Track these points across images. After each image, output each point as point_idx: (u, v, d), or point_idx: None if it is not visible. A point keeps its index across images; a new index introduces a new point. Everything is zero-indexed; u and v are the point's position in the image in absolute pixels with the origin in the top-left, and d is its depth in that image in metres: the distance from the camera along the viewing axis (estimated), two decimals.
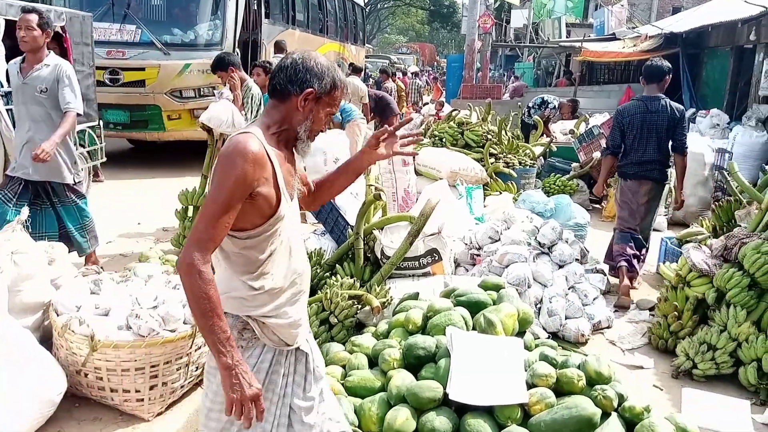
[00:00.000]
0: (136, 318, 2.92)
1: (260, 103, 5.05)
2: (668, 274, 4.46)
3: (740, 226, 4.37)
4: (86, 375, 2.91)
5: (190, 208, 5.28)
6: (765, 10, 9.10)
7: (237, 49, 9.00)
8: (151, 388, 2.94)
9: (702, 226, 5.05)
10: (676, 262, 4.32)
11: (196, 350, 3.08)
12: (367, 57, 25.93)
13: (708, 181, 7.21)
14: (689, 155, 7.28)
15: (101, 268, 4.07)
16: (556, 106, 9.63)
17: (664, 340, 3.86)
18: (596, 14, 20.08)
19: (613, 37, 15.73)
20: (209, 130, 4.87)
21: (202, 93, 8.75)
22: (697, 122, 10.70)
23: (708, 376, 3.51)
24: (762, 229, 3.94)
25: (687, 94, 12.51)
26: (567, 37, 19.37)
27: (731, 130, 9.34)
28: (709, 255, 3.85)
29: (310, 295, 3.80)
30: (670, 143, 4.81)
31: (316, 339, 3.35)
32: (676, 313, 3.84)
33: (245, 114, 4.90)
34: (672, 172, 5.31)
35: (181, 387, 3.09)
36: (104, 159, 4.48)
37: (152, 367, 2.92)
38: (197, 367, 3.14)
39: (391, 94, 11.79)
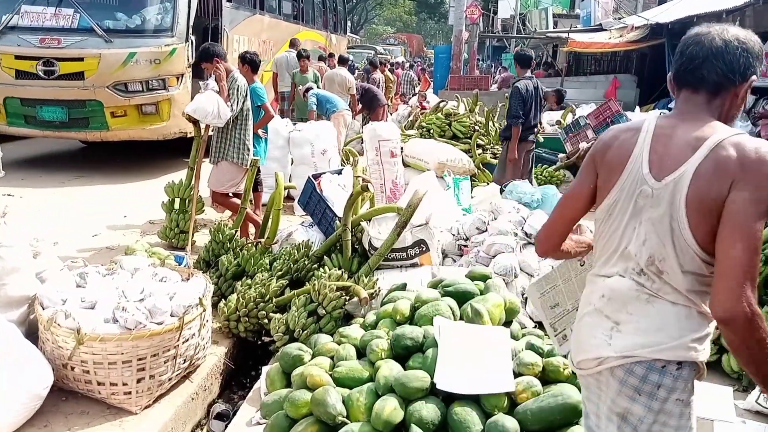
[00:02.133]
0: (122, 311, 2.91)
1: (246, 95, 5.01)
2: None
3: None
4: (73, 368, 2.90)
5: (177, 200, 5.26)
6: (749, 1, 9.18)
7: (192, 37, 8.02)
8: (139, 381, 2.93)
9: None
10: None
11: (183, 343, 3.07)
12: (352, 48, 25.71)
13: None
14: None
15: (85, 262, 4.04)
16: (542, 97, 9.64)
17: None
18: (583, 5, 20.13)
19: (600, 28, 15.79)
20: (195, 122, 4.83)
21: (150, 86, 7.68)
22: None
23: None
24: None
25: None
26: (554, 28, 19.41)
27: None
28: None
29: (298, 287, 3.83)
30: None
31: (304, 330, 3.38)
32: None
33: (231, 105, 4.86)
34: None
35: (169, 380, 3.09)
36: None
37: (139, 360, 2.91)
38: (185, 360, 3.13)
39: (378, 86, 11.74)
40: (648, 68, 14.22)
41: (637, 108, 11.14)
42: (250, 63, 5.60)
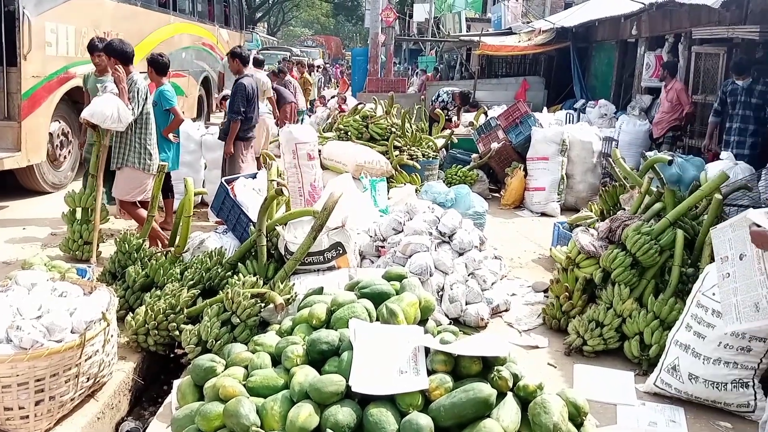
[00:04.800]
0: (17, 330, 2.73)
1: (146, 98, 4.82)
2: (559, 257, 4.71)
3: (624, 209, 4.69)
4: None
5: (79, 210, 4.98)
6: (644, 7, 9.77)
7: None
8: (37, 403, 2.75)
9: (591, 210, 5.37)
10: (567, 245, 4.57)
11: (86, 360, 2.91)
12: (265, 49, 25.28)
13: (596, 168, 7.68)
14: (579, 144, 7.74)
15: None
16: (445, 100, 9.90)
17: (557, 319, 4.08)
18: (494, 9, 20.78)
19: (510, 32, 16.35)
20: (95, 127, 4.59)
21: None
22: (587, 112, 11.35)
23: (597, 351, 3.75)
24: (642, 211, 4.24)
25: (578, 86, 13.23)
26: (467, 32, 19.92)
27: (617, 119, 9.98)
28: (596, 237, 4.10)
29: (211, 296, 3.73)
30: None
31: (217, 341, 3.29)
32: (567, 293, 4.06)
33: (132, 108, 4.65)
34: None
35: (71, 400, 2.92)
36: None
37: (37, 381, 2.73)
38: (88, 378, 2.97)
39: (289, 87, 11.45)
40: (555, 70, 14.86)
41: (545, 109, 11.61)
42: (155, 65, 5.40)
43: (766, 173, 5.14)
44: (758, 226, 2.26)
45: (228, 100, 8.24)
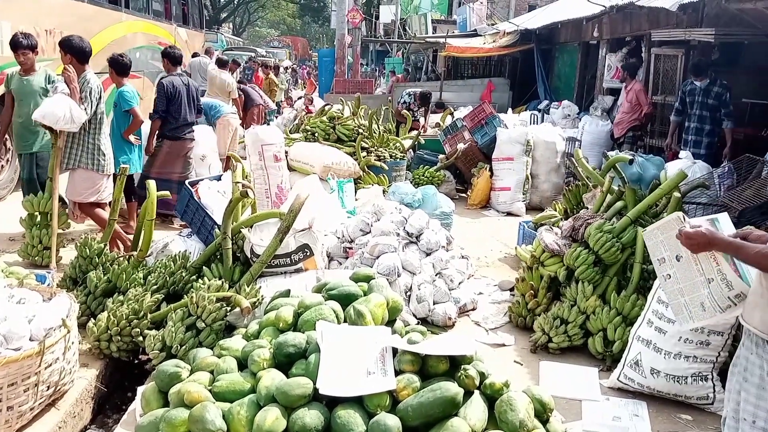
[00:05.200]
0: None
1: (100, 97, 4.72)
2: (524, 255, 4.77)
3: (587, 208, 4.78)
4: None
5: (37, 214, 4.85)
6: (605, 9, 9.97)
7: None
8: None
9: (555, 209, 5.46)
10: (532, 244, 4.64)
11: (45, 368, 2.83)
12: (230, 49, 24.99)
13: (560, 167, 7.81)
14: (543, 144, 7.86)
15: None
16: (407, 101, 9.95)
17: (522, 317, 4.13)
18: (459, 11, 20.96)
19: (475, 34, 16.51)
20: (51, 128, 4.48)
21: None
22: (551, 113, 11.53)
23: (562, 348, 3.81)
24: (604, 210, 4.33)
25: (542, 87, 13.43)
26: (433, 33, 20.04)
27: (580, 119, 10.17)
28: (560, 236, 4.17)
29: (176, 301, 3.66)
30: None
31: (182, 346, 3.24)
32: (532, 291, 4.12)
33: (85, 108, 4.55)
34: None
35: (31, 409, 2.83)
36: None
37: None
38: (48, 387, 2.89)
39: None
40: (520, 72, 15.07)
41: (510, 110, 11.76)
42: (116, 65, 5.30)
43: (720, 173, 5.30)
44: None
45: None
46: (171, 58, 6.30)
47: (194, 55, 12.66)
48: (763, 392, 2.08)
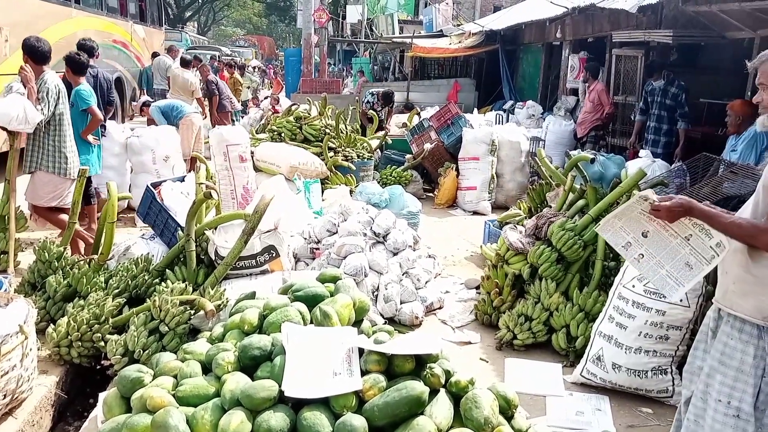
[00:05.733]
0: None
1: (58, 97, 4.60)
2: (489, 254, 4.83)
3: (550, 206, 4.86)
4: None
5: None
6: (567, 11, 10.15)
7: None
8: None
9: (519, 208, 5.53)
10: (497, 242, 4.69)
11: (2, 376, 2.76)
12: (194, 48, 24.64)
13: (525, 167, 7.92)
14: (508, 144, 7.95)
15: None
16: (371, 101, 9.99)
17: (488, 315, 4.18)
18: (425, 11, 21.05)
19: (441, 34, 16.61)
20: (7, 129, 4.35)
21: None
22: (515, 113, 11.68)
23: (527, 344, 3.86)
24: (567, 208, 4.41)
25: (507, 87, 13.59)
26: (400, 33, 20.09)
27: (544, 119, 10.32)
28: (524, 234, 4.23)
29: (139, 305, 3.60)
30: None
31: (145, 351, 3.18)
32: (497, 289, 4.17)
33: (42, 109, 4.43)
34: None
35: None
36: None
37: None
38: (5, 395, 2.81)
39: (217, 85, 11.14)
40: (485, 72, 15.22)
41: (476, 110, 11.86)
42: (72, 64, 5.17)
43: (676, 171, 5.43)
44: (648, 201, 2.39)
45: (149, 107, 8.03)
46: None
47: (154, 54, 12.39)
48: (741, 374, 2.16)
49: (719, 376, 2.22)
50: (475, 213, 7.49)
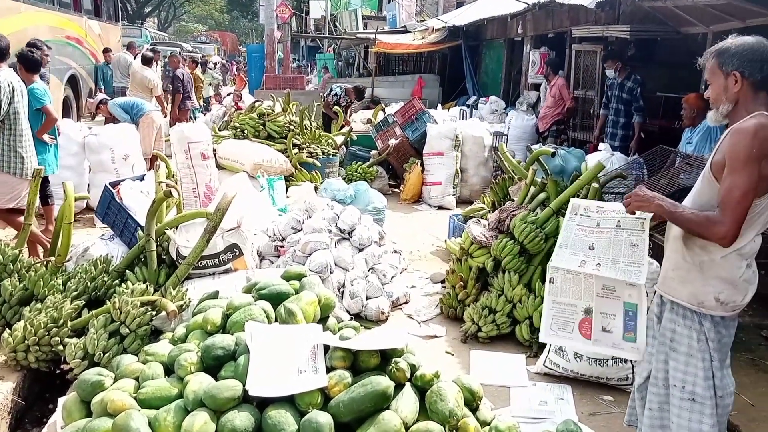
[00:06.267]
0: None
1: (12, 96, 4.45)
2: (453, 248, 4.87)
3: (512, 200, 4.92)
4: None
5: None
6: (528, 7, 10.27)
7: None
8: None
9: (483, 202, 5.59)
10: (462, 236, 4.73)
11: None
12: (155, 44, 24.14)
13: (488, 161, 8.00)
14: (471, 139, 8.02)
15: None
16: (338, 93, 9.96)
17: (453, 308, 4.22)
18: (389, 7, 21.05)
19: (405, 30, 16.63)
20: None
21: None
22: (479, 108, 11.78)
23: (491, 336, 3.91)
24: (528, 201, 4.47)
25: (470, 83, 13.70)
26: (364, 29, 20.05)
27: (507, 114, 10.44)
28: (487, 228, 4.28)
29: (97, 307, 3.52)
30: None
31: (105, 353, 3.12)
32: (462, 282, 4.21)
33: None
34: None
35: None
36: None
37: None
38: None
39: (183, 81, 10.94)
40: (449, 68, 15.31)
41: (440, 105, 11.93)
42: (24, 61, 5.02)
43: (633, 163, 5.56)
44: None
45: (107, 105, 7.84)
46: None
47: (105, 50, 12.04)
48: (691, 359, 2.23)
49: (672, 362, 2.29)
50: (441, 208, 7.54)
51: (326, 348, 2.71)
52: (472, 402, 2.69)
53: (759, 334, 4.17)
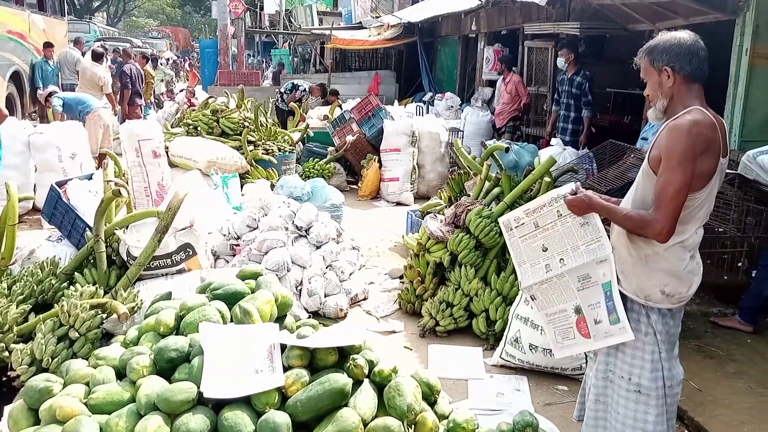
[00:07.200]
0: None
1: None
2: (411, 243, 4.89)
3: (468, 195, 4.97)
4: None
5: None
6: (481, 4, 10.38)
7: None
8: None
9: (440, 197, 5.63)
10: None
11: None
12: (102, 40, 23.45)
13: (445, 157, 8.06)
14: (428, 135, 8.06)
15: None
16: (307, 90, 9.89)
17: (411, 303, 4.24)
18: (344, 3, 20.97)
19: (360, 26, 16.60)
20: None
21: None
22: (435, 105, 11.85)
23: (449, 330, 3.95)
24: (483, 196, 4.52)
25: (426, 80, 13.77)
26: (319, 25, 19.91)
27: (463, 110, 10.54)
28: (444, 223, 4.31)
29: (45, 310, 3.40)
30: None
31: (54, 359, 3.02)
32: (419, 278, 4.23)
33: None
34: None
35: None
36: None
37: None
38: None
39: (131, 76, 10.63)
40: (405, 64, 15.34)
41: (396, 102, 11.96)
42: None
43: (583, 158, 5.69)
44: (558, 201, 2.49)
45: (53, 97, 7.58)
46: None
47: (46, 45, 11.61)
48: (637, 351, 2.28)
49: (620, 354, 2.34)
50: (398, 204, 7.56)
51: (283, 347, 2.68)
52: (430, 396, 2.71)
53: (706, 321, 4.32)
